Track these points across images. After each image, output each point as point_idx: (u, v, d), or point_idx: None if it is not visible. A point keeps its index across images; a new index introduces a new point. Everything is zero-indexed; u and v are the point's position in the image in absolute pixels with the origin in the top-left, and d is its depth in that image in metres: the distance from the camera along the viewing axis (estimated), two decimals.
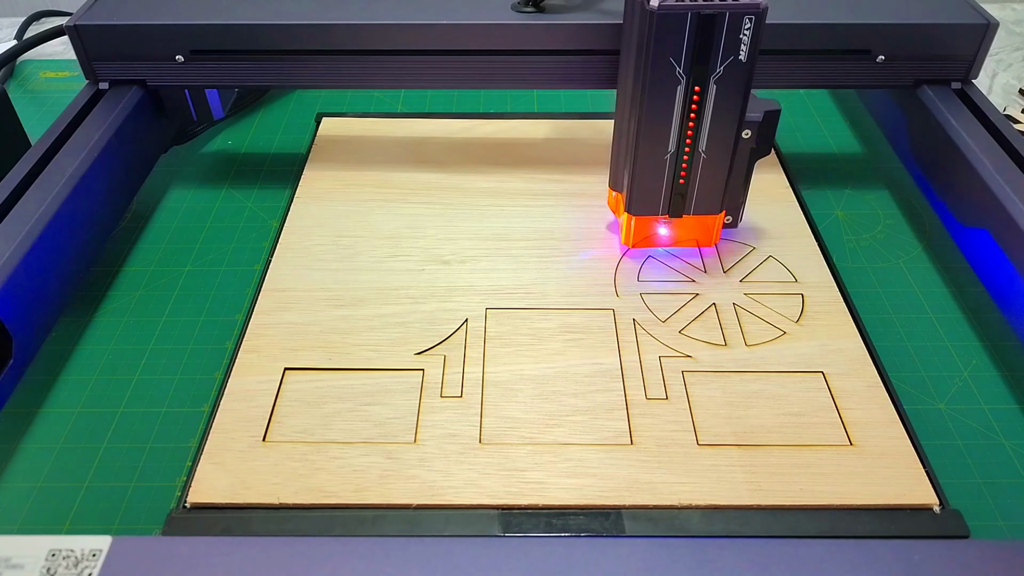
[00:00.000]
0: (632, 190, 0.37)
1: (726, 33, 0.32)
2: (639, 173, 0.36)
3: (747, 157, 0.37)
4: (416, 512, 0.29)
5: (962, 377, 0.36)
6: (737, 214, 0.40)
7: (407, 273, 0.40)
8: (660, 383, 0.34)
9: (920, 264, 0.42)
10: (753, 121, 0.35)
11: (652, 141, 0.35)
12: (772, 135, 0.36)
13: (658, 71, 0.33)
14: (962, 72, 0.43)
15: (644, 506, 0.29)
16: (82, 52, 0.43)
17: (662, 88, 0.33)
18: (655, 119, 0.34)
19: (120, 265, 0.43)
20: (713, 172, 0.36)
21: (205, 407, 0.35)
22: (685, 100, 0.34)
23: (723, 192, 0.37)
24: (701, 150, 0.35)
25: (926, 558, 0.25)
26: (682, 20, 0.32)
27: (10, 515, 0.31)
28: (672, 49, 0.32)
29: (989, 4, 0.71)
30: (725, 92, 0.34)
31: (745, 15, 0.32)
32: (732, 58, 0.33)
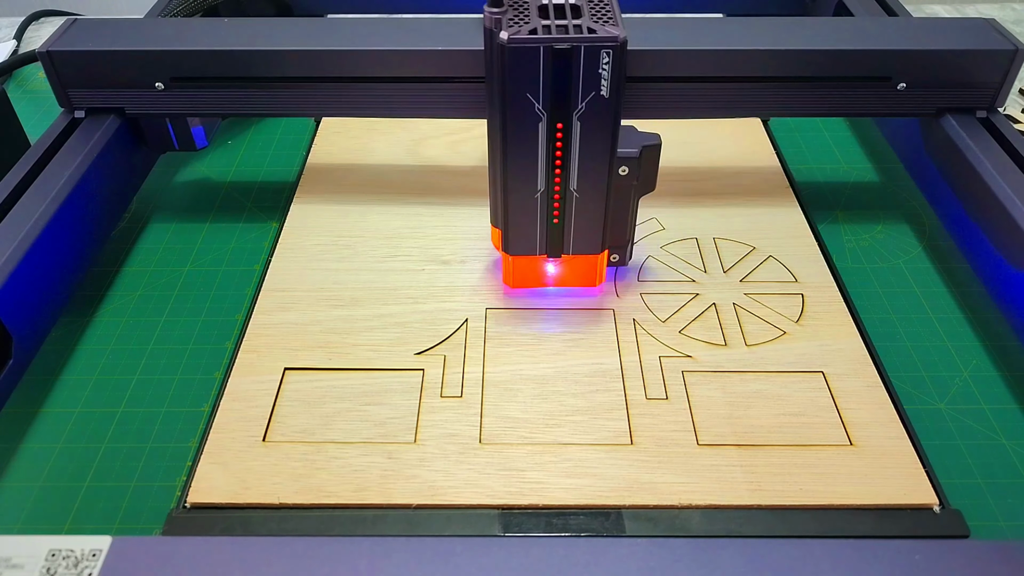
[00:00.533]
0: (507, 230, 0.35)
1: (584, 68, 0.30)
2: (512, 212, 0.34)
3: (628, 194, 0.34)
4: (416, 512, 0.29)
5: (962, 377, 0.36)
6: (624, 252, 0.37)
7: (407, 273, 0.40)
8: (660, 383, 0.34)
9: (920, 264, 0.42)
10: (630, 157, 0.33)
11: (520, 179, 0.33)
12: (654, 170, 0.34)
13: (516, 107, 0.31)
14: (987, 100, 0.41)
15: (644, 506, 0.29)
16: (55, 79, 0.41)
17: (522, 124, 0.31)
18: (520, 157, 0.32)
19: (120, 265, 0.43)
20: (589, 211, 0.34)
21: (205, 407, 0.35)
22: (549, 137, 0.32)
23: (603, 231, 0.35)
24: (572, 188, 0.33)
25: (926, 558, 0.25)
26: (534, 54, 0.29)
27: (10, 515, 0.31)
28: (528, 84, 0.30)
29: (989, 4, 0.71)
30: (590, 129, 0.31)
31: (603, 49, 0.29)
32: (593, 93, 0.30)
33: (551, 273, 0.38)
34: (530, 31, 0.29)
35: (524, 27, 0.29)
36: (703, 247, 0.41)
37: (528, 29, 0.29)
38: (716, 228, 0.42)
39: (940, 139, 0.41)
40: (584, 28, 0.29)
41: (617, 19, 0.30)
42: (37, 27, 0.70)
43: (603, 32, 0.29)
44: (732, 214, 0.43)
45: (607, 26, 0.30)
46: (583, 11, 0.30)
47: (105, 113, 0.42)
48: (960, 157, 0.39)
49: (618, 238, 0.37)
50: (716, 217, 0.43)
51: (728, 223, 0.43)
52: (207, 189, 0.48)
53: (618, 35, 0.29)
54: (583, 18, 0.30)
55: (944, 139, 0.41)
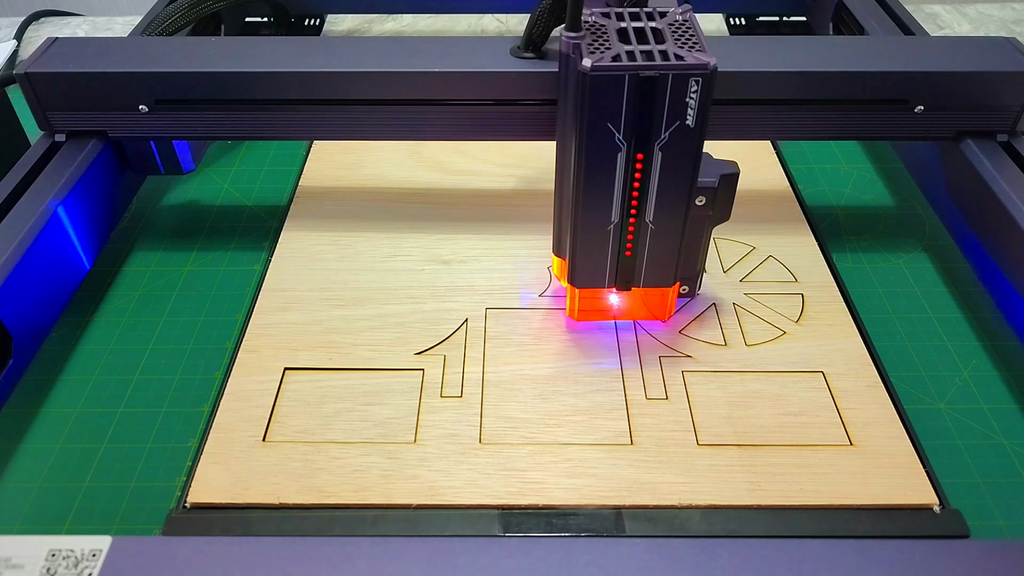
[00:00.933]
0: (574, 261, 0.33)
1: (670, 96, 0.28)
2: (581, 244, 0.32)
3: (702, 225, 0.33)
4: (416, 512, 0.29)
5: (962, 377, 0.36)
6: (694, 284, 0.36)
7: (407, 273, 0.40)
8: (660, 383, 0.34)
9: (920, 264, 0.42)
10: (708, 187, 0.31)
11: (593, 210, 0.31)
12: (730, 199, 0.33)
13: (595, 137, 0.29)
14: (1009, 123, 0.39)
15: (644, 506, 0.29)
16: (35, 102, 0.39)
17: (601, 155, 0.30)
18: (595, 188, 0.31)
19: (120, 265, 0.43)
20: (663, 243, 0.32)
21: (205, 407, 0.35)
22: (627, 168, 0.30)
23: (676, 263, 0.33)
24: (648, 220, 0.32)
25: (926, 558, 0.25)
26: (619, 82, 0.28)
27: (10, 515, 0.31)
28: (609, 114, 0.28)
29: (989, 4, 0.71)
30: (672, 159, 0.30)
31: (691, 77, 0.27)
32: (678, 123, 0.29)
33: (618, 305, 0.36)
34: (613, 57, 0.28)
35: (607, 53, 0.28)
36: None
37: (611, 56, 0.28)
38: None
39: (959, 164, 0.40)
40: (671, 55, 0.28)
41: (703, 44, 0.28)
42: (37, 27, 0.70)
43: (692, 59, 0.27)
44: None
45: (695, 52, 0.28)
46: (665, 36, 0.29)
47: (87, 136, 0.40)
48: (980, 182, 0.38)
49: (689, 269, 0.35)
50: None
51: (728, 223, 0.42)
52: (207, 189, 0.48)
53: (709, 62, 0.27)
54: (667, 43, 0.28)
55: (964, 164, 0.39)
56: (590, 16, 0.30)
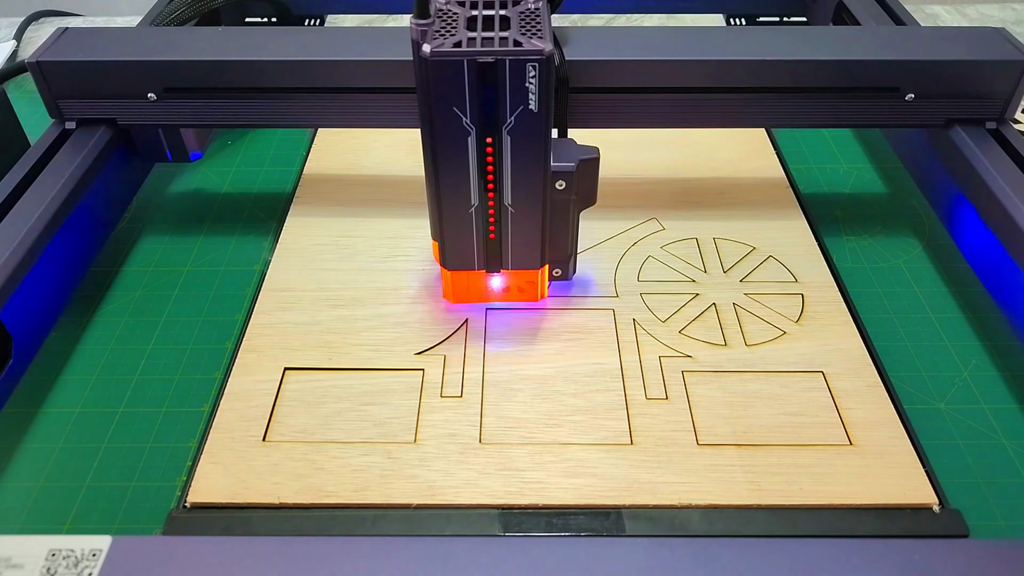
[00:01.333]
0: (443, 244, 0.34)
1: (510, 81, 0.29)
2: (446, 227, 0.34)
3: (567, 208, 0.34)
4: (416, 512, 0.29)
5: (962, 377, 0.36)
6: (566, 267, 0.37)
7: (407, 273, 0.40)
8: (660, 383, 0.34)
9: (920, 264, 0.42)
10: (566, 171, 0.33)
11: (452, 194, 0.32)
12: (593, 184, 0.34)
13: (444, 121, 0.30)
14: (997, 111, 0.40)
15: (644, 506, 0.29)
16: (46, 90, 0.40)
17: (451, 139, 0.31)
18: (450, 171, 0.32)
19: (120, 265, 0.43)
20: (525, 226, 0.33)
21: (205, 407, 0.35)
22: (479, 152, 0.31)
23: (541, 246, 0.34)
24: (507, 204, 0.33)
25: (926, 557, 0.25)
26: (459, 68, 0.29)
27: (10, 515, 0.31)
28: (454, 98, 0.29)
29: (989, 4, 0.71)
30: (521, 143, 0.31)
31: (528, 62, 0.28)
32: (522, 108, 0.30)
33: (492, 288, 0.37)
34: (454, 44, 0.29)
35: (449, 40, 0.29)
36: (703, 247, 0.41)
37: (453, 42, 0.29)
38: (716, 228, 0.42)
39: (949, 150, 0.41)
40: (510, 41, 0.29)
41: (546, 32, 0.29)
42: (37, 27, 0.70)
43: (529, 45, 0.28)
44: (732, 214, 0.43)
45: (533, 39, 0.29)
46: (512, 23, 0.30)
47: (96, 124, 0.41)
48: (969, 168, 0.39)
49: (559, 252, 0.36)
50: (716, 217, 0.43)
51: (728, 223, 0.43)
52: (207, 189, 0.48)
53: (544, 48, 0.28)
54: (511, 30, 0.29)
55: (953, 150, 0.40)
56: (445, 4, 0.31)
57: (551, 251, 0.36)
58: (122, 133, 0.42)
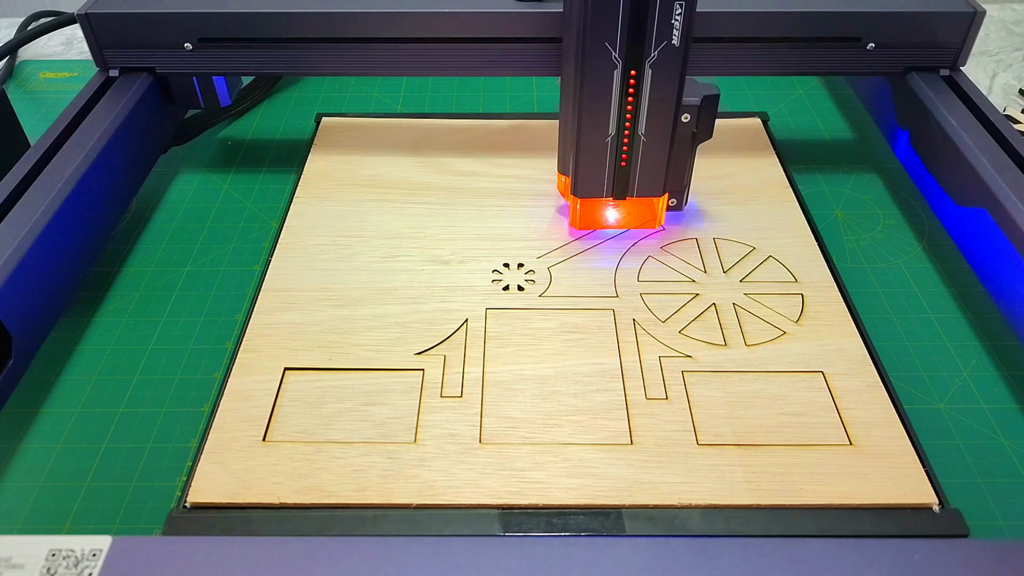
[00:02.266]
0: (577, 174, 0.38)
1: (658, 17, 0.33)
2: (582, 157, 0.37)
3: (688, 141, 0.38)
4: (416, 512, 0.29)
5: (962, 377, 0.36)
6: (681, 197, 0.41)
7: (407, 273, 0.40)
8: (660, 383, 0.34)
9: (920, 264, 0.42)
10: (692, 105, 0.36)
11: (593, 125, 0.36)
12: (712, 119, 0.37)
13: (594, 55, 0.34)
14: (950, 60, 0.45)
15: (644, 506, 0.29)
16: (92, 40, 0.44)
17: (599, 73, 0.34)
18: (594, 103, 0.35)
19: (120, 265, 0.43)
20: (654, 155, 0.37)
21: (205, 407, 0.35)
22: (622, 84, 0.35)
23: (664, 175, 0.38)
24: (641, 133, 0.36)
25: (926, 557, 0.25)
26: (615, 4, 0.32)
27: (10, 515, 0.31)
28: (606, 33, 0.33)
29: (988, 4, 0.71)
30: (661, 77, 0.34)
31: (676, 0, 0.32)
32: (665, 43, 0.33)
33: (615, 216, 0.41)
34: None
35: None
36: (703, 247, 0.41)
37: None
38: (716, 228, 0.42)
39: (907, 96, 0.45)
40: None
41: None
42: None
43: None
44: (732, 214, 0.43)
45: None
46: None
47: (137, 72, 0.45)
48: (925, 112, 0.43)
49: (676, 182, 0.40)
50: (716, 217, 0.43)
51: (728, 223, 0.43)
52: (207, 189, 0.48)
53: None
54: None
55: (911, 96, 0.44)
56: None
57: (671, 181, 0.39)
58: (160, 80, 0.46)
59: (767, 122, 0.51)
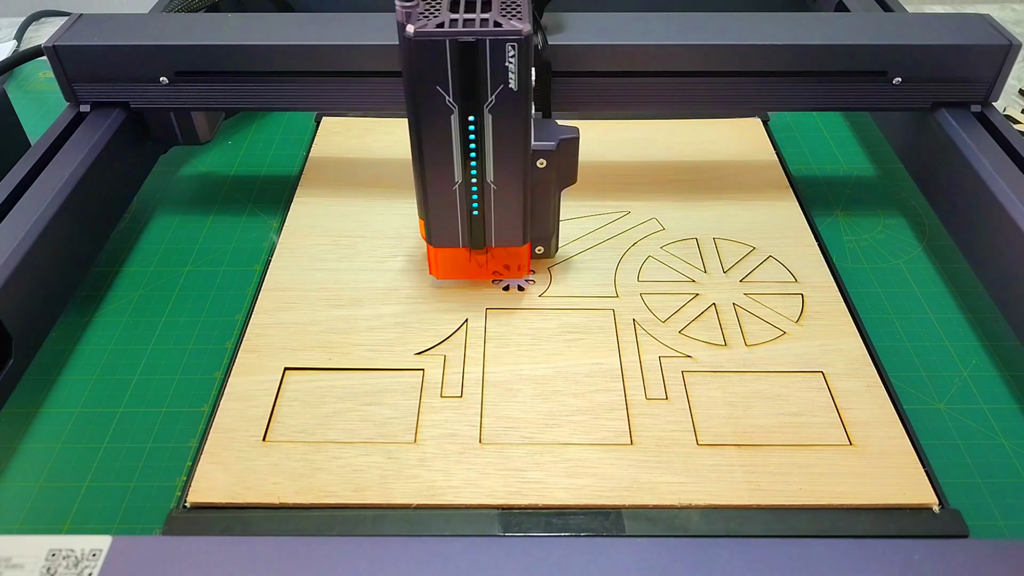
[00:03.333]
0: (429, 222, 0.35)
1: (490, 61, 0.30)
2: (431, 206, 0.34)
3: (548, 187, 0.35)
4: (416, 512, 0.29)
5: (962, 377, 0.36)
6: (548, 244, 0.38)
7: (407, 273, 0.40)
8: (660, 383, 0.34)
9: (920, 264, 0.42)
10: (546, 150, 0.34)
11: (437, 173, 0.33)
12: (574, 162, 0.35)
13: (427, 100, 0.31)
14: (982, 95, 0.41)
15: (644, 506, 0.29)
16: (62, 73, 0.41)
17: (435, 118, 0.32)
18: (435, 150, 0.33)
19: (120, 265, 0.43)
20: (508, 203, 0.34)
21: (205, 407, 0.35)
22: (462, 130, 0.32)
23: (524, 223, 0.35)
24: (490, 181, 0.34)
25: (926, 557, 0.25)
26: (441, 47, 0.30)
27: (10, 515, 0.31)
28: (437, 77, 0.30)
29: (989, 5, 0.71)
30: (502, 122, 0.32)
31: (507, 42, 0.30)
32: (502, 87, 0.31)
33: (482, 265, 0.38)
34: (437, 24, 0.30)
35: (432, 20, 0.30)
36: (703, 247, 0.41)
37: (436, 23, 0.30)
38: (716, 228, 0.42)
39: (935, 133, 0.42)
40: (491, 22, 0.30)
41: (525, 13, 0.30)
42: (37, 27, 0.70)
43: (508, 26, 0.30)
44: (732, 214, 0.43)
45: (513, 20, 0.30)
46: (493, 5, 0.31)
47: (110, 107, 0.42)
48: (955, 151, 0.40)
49: (541, 230, 0.37)
50: (716, 217, 0.43)
51: (728, 223, 0.43)
52: (207, 189, 0.48)
53: (522, 29, 0.29)
54: (492, 12, 0.30)
55: (939, 133, 0.41)
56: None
57: (534, 228, 0.37)
58: (135, 116, 0.44)
59: (767, 122, 0.51)
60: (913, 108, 0.42)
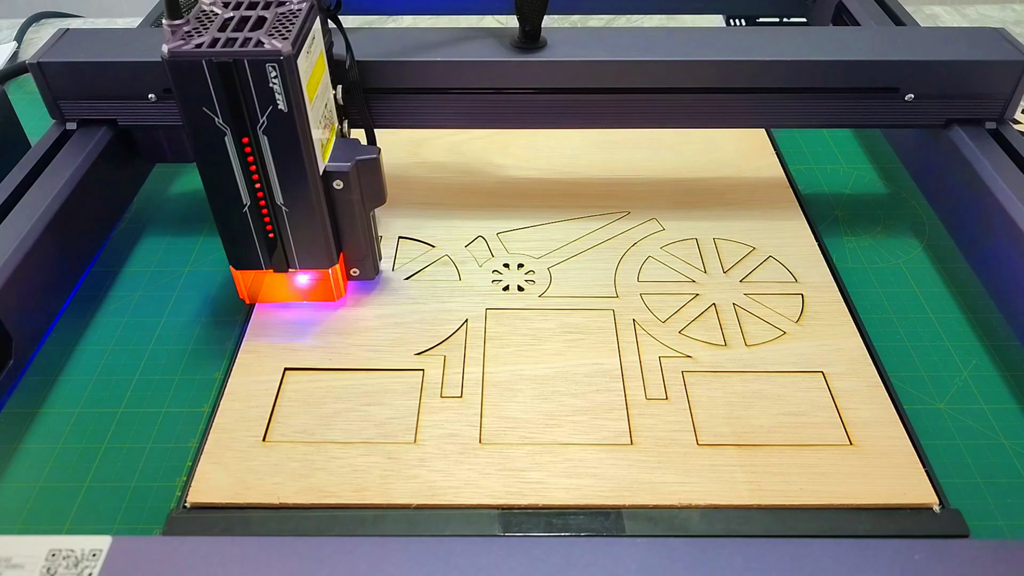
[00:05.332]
0: (226, 244, 0.34)
1: (253, 82, 0.29)
2: (223, 228, 0.34)
3: (354, 207, 0.34)
4: (416, 512, 0.29)
5: (962, 377, 0.36)
6: (364, 266, 0.37)
7: (407, 273, 0.40)
8: (660, 383, 0.34)
9: (920, 264, 0.42)
10: (341, 172, 0.33)
11: (222, 194, 0.32)
12: (377, 181, 0.34)
13: (197, 121, 0.30)
14: (997, 112, 0.40)
15: (644, 506, 0.29)
16: (47, 91, 0.40)
17: (208, 139, 0.31)
18: (215, 172, 0.32)
19: (120, 265, 0.43)
20: (304, 225, 0.34)
21: (205, 407, 0.35)
22: (239, 151, 0.31)
23: (327, 245, 0.34)
24: (280, 203, 0.33)
25: (926, 557, 0.25)
26: (198, 68, 0.29)
27: (10, 515, 0.31)
28: (202, 98, 0.29)
29: (989, 5, 0.71)
30: (278, 143, 0.31)
31: (267, 63, 0.29)
32: (272, 107, 0.30)
33: (291, 287, 0.37)
34: (197, 44, 0.29)
35: (193, 40, 0.29)
36: (703, 247, 0.41)
37: (196, 43, 0.29)
38: (716, 228, 0.42)
39: (949, 150, 0.41)
40: (252, 42, 0.29)
41: (297, 34, 0.29)
42: (37, 28, 0.70)
43: (269, 45, 0.29)
44: (732, 215, 0.43)
45: (275, 40, 0.29)
46: (266, 24, 0.30)
47: (97, 124, 0.41)
48: (969, 169, 0.39)
49: (355, 251, 0.36)
50: (716, 218, 0.43)
51: (728, 223, 0.43)
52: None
53: (282, 49, 0.28)
54: (262, 31, 0.29)
55: (953, 150, 0.40)
56: (210, 5, 0.31)
57: (346, 250, 0.36)
58: (123, 133, 0.42)
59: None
60: (926, 125, 0.42)
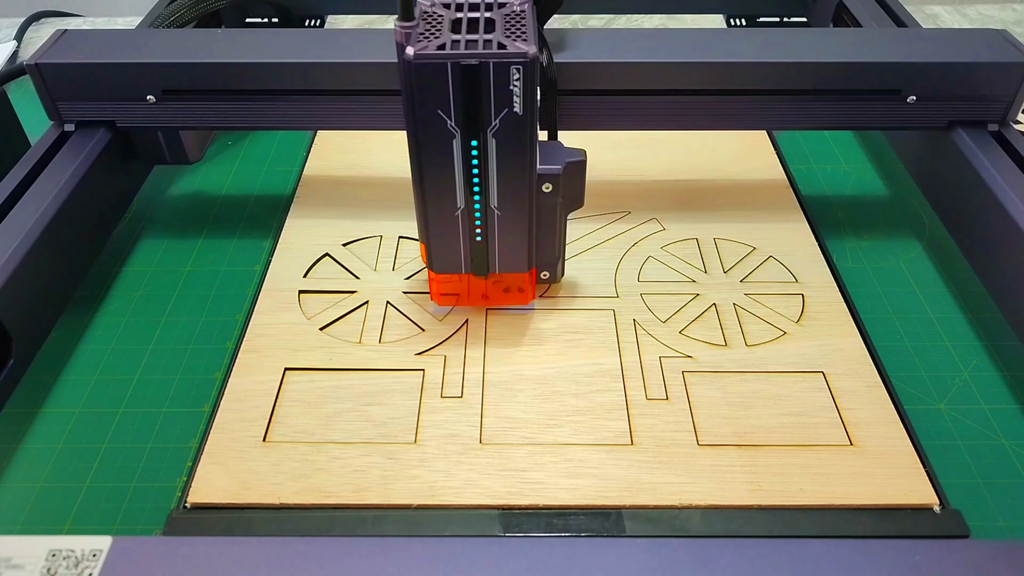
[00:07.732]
0: (429, 247, 0.34)
1: (494, 84, 0.29)
2: (432, 231, 0.33)
3: (554, 211, 0.34)
4: (416, 512, 0.29)
5: (962, 377, 0.36)
6: (554, 270, 0.37)
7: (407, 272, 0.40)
8: (660, 383, 0.34)
9: (920, 264, 0.42)
10: (552, 174, 0.32)
11: (438, 198, 0.32)
12: (580, 185, 0.34)
13: (428, 124, 0.30)
14: (999, 114, 0.40)
15: (644, 506, 0.29)
16: (45, 92, 0.40)
17: (436, 142, 0.30)
18: (436, 174, 0.31)
19: (120, 265, 0.43)
20: (512, 229, 0.33)
21: (205, 407, 0.35)
22: (464, 154, 0.31)
23: (529, 249, 0.34)
24: (494, 206, 0.32)
25: (926, 558, 0.25)
26: (442, 70, 0.28)
27: (10, 515, 0.31)
28: (439, 101, 0.29)
29: (989, 5, 0.71)
30: (506, 146, 0.30)
31: (512, 65, 0.28)
32: (507, 110, 0.29)
33: (487, 291, 0.36)
34: (438, 46, 0.28)
35: (433, 42, 0.28)
36: (703, 247, 0.41)
37: (437, 44, 0.28)
38: (716, 228, 0.42)
39: (951, 152, 0.41)
40: (495, 44, 0.28)
41: (530, 34, 0.29)
42: (37, 28, 0.70)
43: (513, 48, 0.28)
44: (733, 215, 0.43)
45: (518, 42, 0.29)
46: (497, 26, 0.29)
47: (95, 126, 0.41)
48: (971, 171, 0.39)
49: (547, 255, 0.36)
50: (717, 218, 0.43)
51: (728, 224, 0.43)
52: (208, 189, 0.48)
53: (528, 51, 0.28)
54: (496, 33, 0.29)
55: (955, 152, 0.40)
56: (430, 6, 0.30)
57: (539, 254, 0.35)
58: (121, 135, 0.42)
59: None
60: (928, 127, 0.41)
